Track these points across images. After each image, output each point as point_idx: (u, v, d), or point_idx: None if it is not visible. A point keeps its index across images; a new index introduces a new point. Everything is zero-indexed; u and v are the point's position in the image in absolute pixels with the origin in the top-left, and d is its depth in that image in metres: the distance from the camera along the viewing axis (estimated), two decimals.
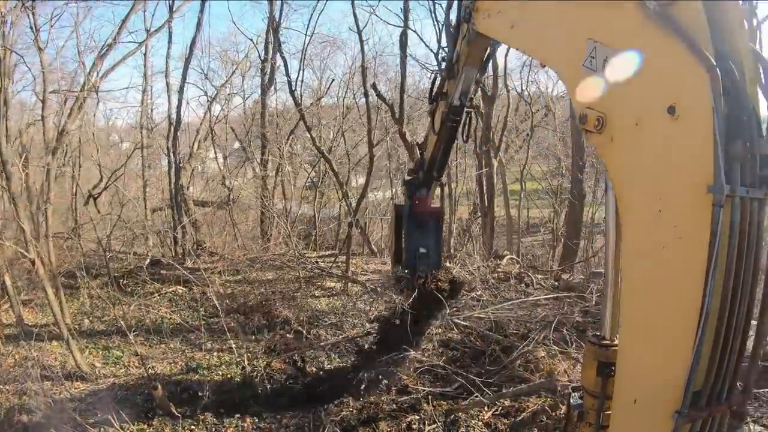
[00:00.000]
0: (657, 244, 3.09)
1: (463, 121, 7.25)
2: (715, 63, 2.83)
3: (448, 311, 9.78)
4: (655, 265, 3.14)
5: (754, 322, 3.20)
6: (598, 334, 4.44)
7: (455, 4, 6.15)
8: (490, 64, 22.35)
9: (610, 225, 4.17)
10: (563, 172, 28.65)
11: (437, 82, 7.48)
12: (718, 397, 3.05)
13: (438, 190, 10.27)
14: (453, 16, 6.33)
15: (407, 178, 8.79)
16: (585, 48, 3.52)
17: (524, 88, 28.59)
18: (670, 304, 3.05)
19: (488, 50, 6.57)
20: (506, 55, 23.83)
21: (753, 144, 2.91)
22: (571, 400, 4.60)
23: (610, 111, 3.37)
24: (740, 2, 3.17)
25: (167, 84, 22.00)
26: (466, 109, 7.13)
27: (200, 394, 9.49)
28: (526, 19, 4.40)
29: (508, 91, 26.26)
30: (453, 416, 8.96)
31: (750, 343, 3.29)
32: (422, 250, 8.28)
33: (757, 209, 2.94)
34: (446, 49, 6.99)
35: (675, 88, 3.00)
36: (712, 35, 2.97)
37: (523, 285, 15.50)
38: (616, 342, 4.02)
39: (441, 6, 30.74)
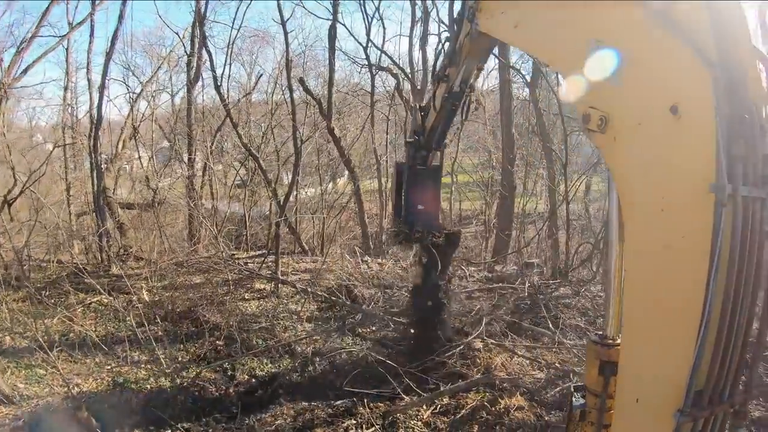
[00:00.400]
0: (660, 243, 3.14)
1: (462, 102, 7.48)
2: (717, 63, 2.89)
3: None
4: (658, 264, 3.18)
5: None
6: (601, 333, 4.49)
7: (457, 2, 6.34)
8: (420, 57, 22.60)
9: (614, 224, 4.24)
10: (494, 164, 29.05)
11: (440, 59, 7.58)
12: (720, 397, 3.09)
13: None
14: (456, 10, 6.46)
15: (409, 139, 9.23)
16: (588, 49, 3.55)
17: None
18: (672, 304, 3.08)
19: (490, 50, 6.98)
20: (436, 49, 24.01)
21: (755, 143, 2.94)
22: (573, 400, 4.64)
23: (612, 111, 3.42)
24: (742, 2, 3.17)
25: (89, 80, 21.40)
26: (465, 94, 7.37)
27: (128, 411, 9.31)
28: (529, 20, 4.44)
29: None
30: (391, 418, 9.01)
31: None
32: (420, 206, 8.65)
33: (759, 208, 2.97)
34: (449, 39, 7.00)
35: (677, 88, 3.05)
36: (715, 35, 2.99)
37: (456, 278, 15.68)
38: (619, 341, 4.12)
39: (372, 1, 30.88)
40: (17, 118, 27.42)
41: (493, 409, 8.93)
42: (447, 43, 7.04)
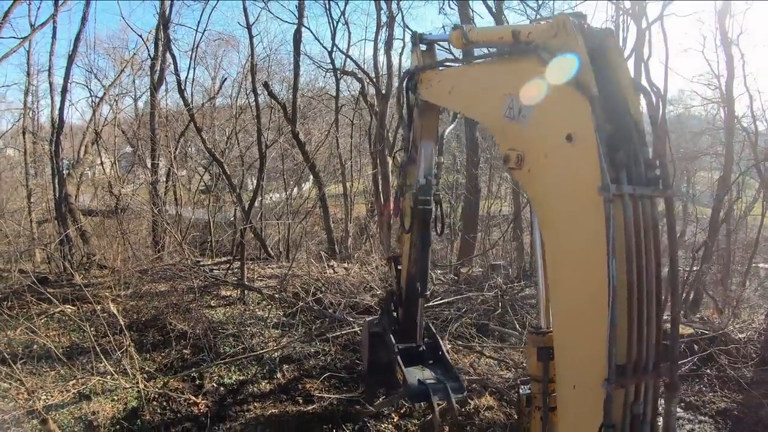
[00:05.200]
0: (572, 246, 3.75)
1: (434, 212, 6.84)
2: (595, 94, 3.50)
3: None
4: (573, 263, 3.76)
5: None
6: (536, 325, 5.26)
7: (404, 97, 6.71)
8: (385, 61, 22.66)
9: (537, 238, 4.92)
10: (458, 167, 29.27)
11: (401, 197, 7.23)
12: (645, 368, 3.51)
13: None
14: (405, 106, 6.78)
15: (376, 320, 7.91)
16: (505, 101, 4.27)
17: None
18: (589, 294, 3.54)
19: (439, 128, 7.07)
20: (401, 54, 24.22)
21: (638, 152, 3.56)
22: (520, 391, 5.24)
23: (526, 149, 4.10)
24: (620, 44, 3.76)
25: (50, 83, 21.08)
26: (434, 194, 6.84)
27: (95, 424, 9.22)
28: (460, 85, 5.40)
29: None
30: (361, 422, 9.10)
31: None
32: (430, 380, 6.65)
33: (648, 204, 3.57)
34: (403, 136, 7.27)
35: (570, 119, 3.65)
36: (599, 73, 3.65)
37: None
38: (551, 329, 4.55)
39: (337, 4, 30.87)
40: None
41: (463, 409, 9.07)
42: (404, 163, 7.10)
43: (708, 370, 9.72)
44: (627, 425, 3.49)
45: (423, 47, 6.65)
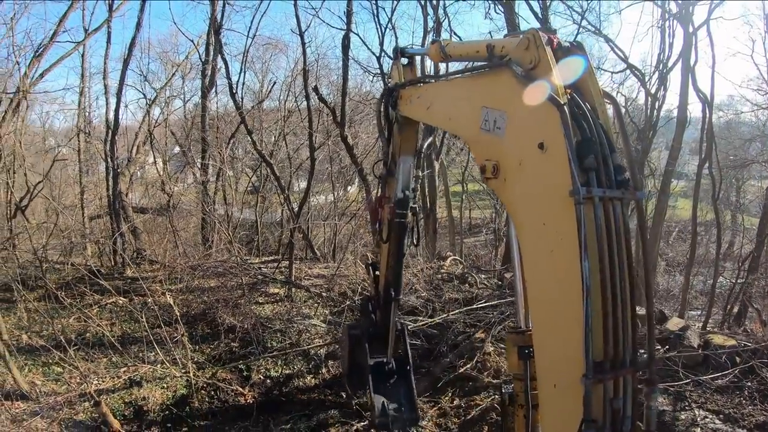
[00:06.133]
0: (546, 249, 3.79)
1: (410, 224, 7.11)
2: (563, 103, 3.61)
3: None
4: (548, 266, 3.81)
5: None
6: (514, 325, 5.40)
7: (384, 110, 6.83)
8: (432, 66, 22.67)
9: (514, 243, 5.29)
10: None
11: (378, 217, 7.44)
12: (622, 363, 3.55)
13: None
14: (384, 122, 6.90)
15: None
16: (481, 114, 4.40)
17: None
18: (563, 294, 3.60)
19: (418, 143, 7.09)
20: None
21: (607, 157, 3.66)
22: (503, 389, 5.42)
23: (501, 159, 4.22)
24: (587, 59, 3.99)
25: (105, 86, 21.43)
26: (411, 205, 7.02)
27: (145, 409, 9.37)
28: (438, 100, 5.53)
29: None
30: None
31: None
32: (393, 406, 7.24)
33: (619, 206, 3.66)
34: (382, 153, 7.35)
35: (540, 128, 3.76)
36: (564, 83, 3.77)
37: (466, 285, 15.74)
38: (530, 328, 4.72)
39: (384, 10, 31.02)
40: (30, 121, 27.46)
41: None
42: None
43: (749, 383, 9.43)
44: (608, 420, 3.53)
45: (404, 61, 6.77)
